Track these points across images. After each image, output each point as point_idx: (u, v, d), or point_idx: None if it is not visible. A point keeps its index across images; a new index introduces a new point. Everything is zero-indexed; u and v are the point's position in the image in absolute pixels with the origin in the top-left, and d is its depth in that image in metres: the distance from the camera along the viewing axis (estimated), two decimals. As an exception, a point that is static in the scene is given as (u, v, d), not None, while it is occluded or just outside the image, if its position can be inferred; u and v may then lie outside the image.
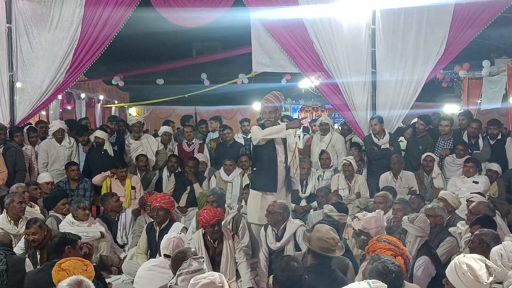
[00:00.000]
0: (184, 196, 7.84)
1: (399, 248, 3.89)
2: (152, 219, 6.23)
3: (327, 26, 8.03)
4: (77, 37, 7.88)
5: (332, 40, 8.03)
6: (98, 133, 8.20)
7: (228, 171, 7.91)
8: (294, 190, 6.57)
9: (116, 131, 8.99)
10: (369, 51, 8.13)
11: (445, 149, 7.92)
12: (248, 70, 12.37)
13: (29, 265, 4.60)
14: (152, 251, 5.92)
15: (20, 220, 5.88)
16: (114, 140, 8.62)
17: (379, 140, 7.82)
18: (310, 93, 16.01)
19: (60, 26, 7.89)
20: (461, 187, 7.16)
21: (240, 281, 5.45)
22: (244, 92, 16.57)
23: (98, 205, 7.78)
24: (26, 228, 5.22)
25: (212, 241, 5.44)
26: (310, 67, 8.16)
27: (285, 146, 6.19)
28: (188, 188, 7.84)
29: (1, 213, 6.03)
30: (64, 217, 6.36)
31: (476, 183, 7.11)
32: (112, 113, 16.22)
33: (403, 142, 8.31)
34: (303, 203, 7.59)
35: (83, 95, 13.91)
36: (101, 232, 6.31)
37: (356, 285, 2.98)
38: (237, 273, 5.52)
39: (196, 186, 7.81)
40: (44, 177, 7.44)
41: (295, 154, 6.26)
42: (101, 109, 15.96)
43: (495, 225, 4.97)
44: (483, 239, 4.31)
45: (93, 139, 8.19)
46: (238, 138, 9.12)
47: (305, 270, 3.77)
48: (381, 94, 8.20)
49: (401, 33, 8.07)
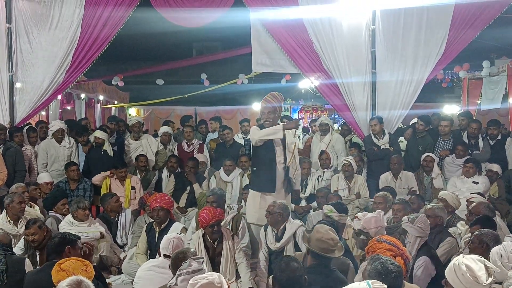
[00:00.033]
0: (184, 197, 7.84)
1: (399, 249, 3.89)
2: (152, 220, 6.22)
3: (327, 27, 8.03)
4: (77, 37, 7.88)
5: (332, 41, 8.03)
6: (98, 134, 8.20)
7: (228, 172, 7.91)
8: (295, 191, 6.55)
9: (116, 131, 9.00)
10: (369, 52, 8.13)
11: (445, 150, 7.92)
12: (248, 71, 12.36)
13: (29, 265, 4.60)
14: (152, 252, 5.92)
15: (20, 220, 5.87)
16: (114, 141, 8.62)
17: (379, 141, 7.83)
18: (310, 94, 16.01)
19: (60, 26, 7.88)
20: (461, 188, 7.16)
21: (240, 282, 5.44)
22: (244, 93, 16.57)
23: (98, 205, 7.78)
24: (26, 229, 5.22)
25: (212, 242, 5.43)
26: (310, 68, 8.16)
27: (284, 147, 6.17)
28: (188, 189, 7.84)
29: (1, 213, 6.02)
30: (64, 218, 6.36)
31: (476, 184, 7.11)
32: (112, 113, 16.22)
33: (403, 143, 8.32)
34: (303, 204, 7.59)
35: (83, 95, 13.90)
36: (101, 232, 6.30)
37: (356, 286, 2.98)
38: (237, 273, 5.52)
39: (196, 187, 7.81)
40: (44, 177, 7.44)
41: (295, 155, 6.25)
42: (101, 109, 15.95)
43: (495, 226, 4.96)
44: (483, 240, 4.31)
45: (93, 140, 8.20)
46: (238, 139, 9.12)
47: (305, 271, 3.77)
48: (381, 95, 8.21)
49: (401, 34, 8.08)
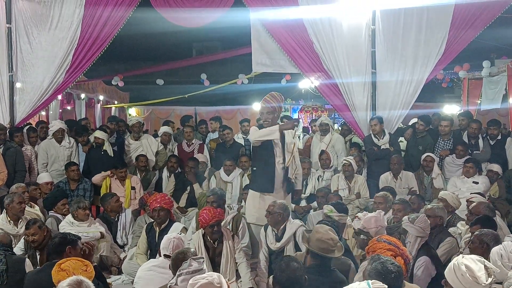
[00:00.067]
0: (184, 197, 7.84)
1: (399, 249, 3.89)
2: (152, 220, 6.22)
3: (327, 27, 8.03)
4: (77, 38, 7.87)
5: (332, 41, 8.03)
6: (98, 134, 8.20)
7: (228, 172, 7.91)
8: (297, 190, 6.54)
9: (116, 132, 9.00)
10: (369, 52, 8.13)
11: (445, 150, 7.91)
12: (248, 71, 12.36)
13: (29, 265, 4.60)
14: (152, 252, 5.92)
15: (20, 221, 5.87)
16: (114, 141, 8.62)
17: (379, 141, 7.82)
18: (310, 94, 16.02)
19: (60, 27, 7.88)
20: (461, 188, 7.16)
21: (240, 282, 5.44)
22: (244, 93, 16.56)
23: (98, 206, 7.78)
24: (26, 229, 5.21)
25: (212, 242, 5.43)
26: (310, 68, 8.16)
27: (283, 147, 6.15)
28: (188, 189, 7.85)
29: (1, 214, 6.02)
30: (64, 218, 6.36)
31: (476, 184, 7.11)
32: (112, 114, 16.22)
33: (403, 143, 8.32)
34: (303, 204, 7.59)
35: (83, 96, 13.89)
36: (101, 233, 6.30)
37: (356, 286, 2.98)
38: (237, 273, 5.51)
39: (196, 187, 7.81)
40: (44, 177, 7.44)
41: (294, 155, 6.20)
42: (101, 110, 15.95)
43: (496, 226, 4.96)
44: (483, 240, 4.31)
45: (93, 140, 8.20)
46: (238, 139, 9.12)
47: (305, 271, 3.77)
48: (381, 95, 8.21)
49: (401, 34, 8.08)
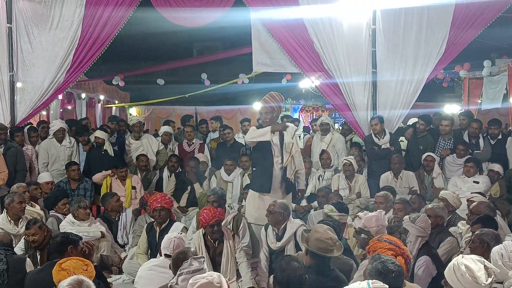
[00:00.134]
0: (185, 196, 7.85)
1: (400, 248, 3.89)
2: (153, 219, 6.22)
3: (328, 26, 8.03)
4: (78, 37, 7.87)
5: (333, 40, 8.03)
6: (98, 133, 8.20)
7: (229, 171, 7.91)
8: (300, 190, 6.54)
9: (117, 131, 9.00)
10: (370, 51, 8.12)
11: (446, 149, 7.91)
12: (249, 70, 12.34)
13: (30, 265, 4.60)
14: (152, 251, 5.92)
15: (20, 220, 5.87)
16: (115, 140, 8.62)
17: (380, 140, 7.82)
18: (311, 93, 16.02)
19: (61, 26, 7.88)
20: (462, 187, 7.15)
21: (241, 281, 5.44)
22: (245, 92, 16.55)
23: (99, 205, 7.79)
24: (26, 229, 5.20)
25: (213, 241, 5.43)
26: (311, 67, 8.15)
27: (282, 147, 6.13)
28: (189, 188, 7.85)
29: (2, 213, 6.03)
30: (65, 217, 6.37)
31: (477, 183, 7.10)
32: (113, 113, 16.20)
33: (404, 142, 8.31)
34: (304, 203, 7.59)
35: (84, 95, 13.89)
36: (102, 232, 6.30)
37: (356, 286, 2.98)
38: (238, 273, 5.52)
39: (197, 186, 7.81)
40: (44, 177, 7.44)
41: (293, 155, 6.15)
42: (102, 109, 15.94)
43: (496, 225, 4.95)
44: (484, 239, 4.30)
45: (93, 139, 8.20)
46: (239, 138, 9.12)
47: (306, 270, 3.77)
48: (382, 94, 8.20)
49: (402, 33, 8.08)
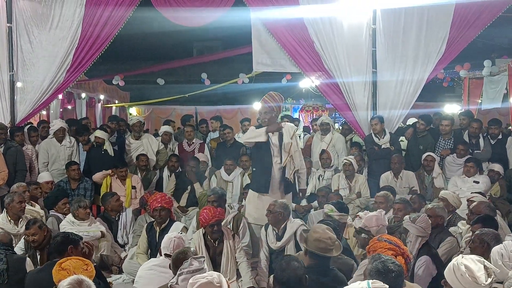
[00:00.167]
0: (185, 196, 7.85)
1: (400, 248, 3.88)
2: (153, 219, 6.22)
3: (328, 26, 8.03)
4: (78, 37, 7.86)
5: (333, 40, 8.03)
6: (98, 133, 8.20)
7: (229, 171, 7.92)
8: (301, 190, 6.53)
9: (117, 131, 8.99)
10: (370, 51, 8.12)
11: (446, 149, 7.91)
12: (249, 70, 12.35)
13: (30, 265, 4.60)
14: (152, 251, 5.92)
15: (20, 220, 5.87)
16: (115, 140, 8.62)
17: (380, 140, 7.82)
18: (311, 93, 16.01)
19: (61, 26, 7.87)
20: (462, 187, 7.15)
21: (241, 281, 5.44)
22: (245, 92, 16.54)
23: (99, 205, 7.79)
24: (26, 229, 5.19)
25: (213, 241, 5.44)
26: (311, 67, 8.15)
27: (281, 147, 6.10)
28: (189, 188, 7.85)
29: (1, 213, 6.02)
30: (65, 217, 6.37)
31: (477, 183, 7.09)
32: (113, 113, 16.19)
33: (404, 142, 8.31)
34: (304, 203, 7.58)
35: (84, 95, 13.88)
36: (102, 232, 6.30)
37: (356, 285, 2.98)
38: (238, 273, 5.52)
39: (197, 186, 7.81)
40: (44, 177, 7.44)
41: (292, 155, 6.11)
42: (102, 109, 15.93)
43: (497, 225, 4.95)
44: (484, 239, 4.30)
45: (93, 139, 8.20)
46: (239, 138, 9.10)
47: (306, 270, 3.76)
48: (382, 94, 8.20)
49: (402, 33, 8.08)
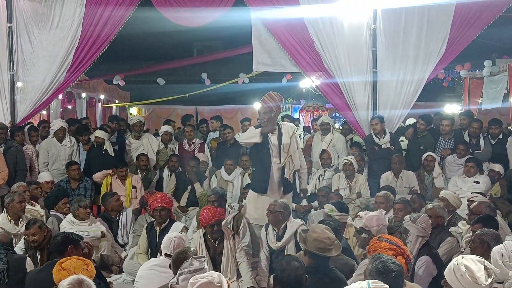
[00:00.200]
0: (185, 196, 7.85)
1: (400, 248, 3.88)
2: (153, 219, 6.22)
3: (328, 26, 8.02)
4: (78, 37, 7.86)
5: (333, 40, 8.03)
6: (98, 133, 8.20)
7: (229, 171, 7.91)
8: (303, 189, 6.52)
9: (117, 131, 8.99)
10: (370, 51, 8.12)
11: (446, 149, 7.90)
12: (249, 70, 12.35)
13: (30, 265, 4.60)
14: (153, 251, 5.92)
15: (21, 220, 5.86)
16: (115, 140, 8.61)
17: (380, 140, 7.82)
18: (311, 93, 16.04)
19: (61, 26, 7.87)
20: (462, 187, 7.14)
21: (241, 281, 5.44)
22: (245, 92, 16.55)
23: (99, 205, 7.78)
24: (26, 229, 5.19)
25: (213, 241, 5.44)
26: (311, 67, 8.14)
27: (280, 147, 6.08)
28: (189, 188, 7.85)
29: (2, 213, 6.02)
30: (65, 217, 6.36)
31: (477, 183, 7.09)
32: (113, 113, 16.20)
33: (404, 142, 8.31)
34: (304, 203, 7.58)
35: (84, 95, 13.88)
36: (102, 232, 6.30)
37: (356, 286, 2.98)
38: (238, 273, 5.52)
39: (197, 186, 7.80)
40: (44, 176, 7.44)
41: (291, 155, 6.09)
42: (102, 109, 15.94)
43: (497, 225, 4.94)
44: (484, 239, 4.30)
45: (93, 139, 8.20)
46: (238, 138, 9.11)
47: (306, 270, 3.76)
48: (382, 94, 8.20)
49: (402, 33, 8.08)
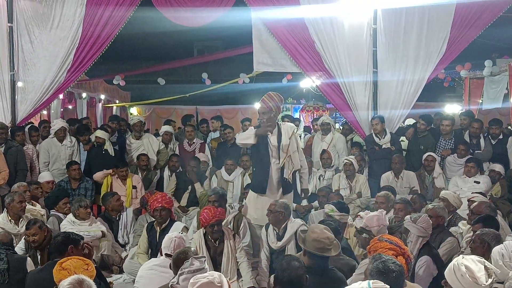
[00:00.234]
0: (185, 196, 7.85)
1: (401, 248, 3.88)
2: (153, 219, 6.22)
3: (329, 26, 8.02)
4: (78, 37, 7.86)
5: (334, 40, 8.02)
6: (99, 133, 8.21)
7: (229, 171, 7.91)
8: (304, 189, 6.51)
9: (117, 131, 8.99)
10: (371, 51, 8.11)
11: (447, 149, 7.90)
12: (249, 70, 12.36)
13: (31, 265, 4.60)
14: (153, 251, 5.92)
15: (21, 220, 5.87)
16: (115, 140, 8.62)
17: (380, 140, 7.82)
18: (311, 93, 16.04)
19: (61, 26, 7.87)
20: (463, 187, 7.14)
21: (241, 281, 5.44)
22: (245, 92, 16.55)
23: (99, 205, 7.79)
24: (26, 229, 5.20)
25: (213, 241, 5.44)
26: (311, 67, 8.14)
27: (279, 147, 6.08)
28: (189, 188, 7.85)
29: (2, 213, 6.02)
30: (66, 217, 6.37)
31: (478, 183, 7.09)
32: (113, 113, 16.21)
33: (405, 142, 8.31)
34: (304, 203, 7.58)
35: (84, 95, 13.89)
36: (102, 232, 6.30)
37: (357, 286, 2.98)
38: (238, 273, 5.52)
39: (197, 186, 7.80)
40: (45, 176, 7.45)
41: (290, 155, 6.09)
42: (102, 109, 15.94)
43: (497, 225, 4.93)
44: (484, 239, 4.30)
45: (94, 139, 8.20)
46: (238, 138, 9.10)
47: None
48: (383, 94, 8.20)
49: (403, 33, 8.07)
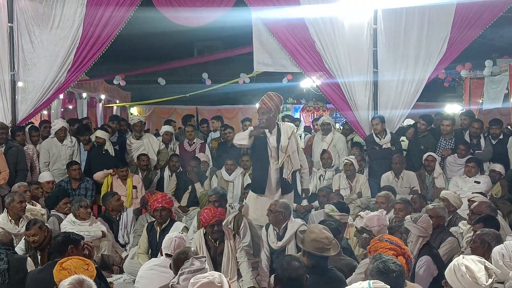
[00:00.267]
0: (186, 196, 7.85)
1: (401, 248, 3.88)
2: (154, 219, 6.22)
3: (329, 26, 8.02)
4: (79, 37, 7.87)
5: (334, 40, 8.02)
6: (99, 133, 8.21)
7: (230, 171, 7.91)
8: (304, 189, 6.50)
9: (118, 131, 8.99)
10: (371, 51, 8.11)
11: (447, 149, 7.90)
12: (250, 70, 12.35)
13: (31, 265, 4.60)
14: (153, 251, 5.92)
15: (21, 220, 5.86)
16: (116, 140, 8.62)
17: (381, 140, 7.82)
18: (312, 93, 16.04)
19: (62, 26, 7.88)
20: (463, 187, 7.14)
21: (242, 281, 5.44)
22: (246, 92, 16.57)
23: (100, 205, 7.79)
24: (26, 229, 5.19)
25: (213, 241, 5.44)
26: (312, 67, 8.14)
27: (278, 148, 6.06)
28: (190, 188, 7.84)
29: (2, 213, 6.02)
30: (66, 217, 6.37)
31: (478, 183, 7.09)
32: (114, 113, 16.22)
33: (405, 142, 8.31)
34: (305, 203, 7.58)
35: (85, 95, 13.89)
36: (103, 232, 6.30)
37: (357, 286, 2.98)
38: (238, 273, 5.52)
39: (198, 186, 7.80)
40: (45, 176, 7.45)
41: (289, 155, 6.05)
42: (103, 109, 15.95)
43: (498, 225, 4.93)
44: (485, 239, 4.29)
45: (94, 139, 8.20)
46: (238, 138, 9.09)
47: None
48: (383, 94, 8.20)
49: (403, 33, 8.08)
